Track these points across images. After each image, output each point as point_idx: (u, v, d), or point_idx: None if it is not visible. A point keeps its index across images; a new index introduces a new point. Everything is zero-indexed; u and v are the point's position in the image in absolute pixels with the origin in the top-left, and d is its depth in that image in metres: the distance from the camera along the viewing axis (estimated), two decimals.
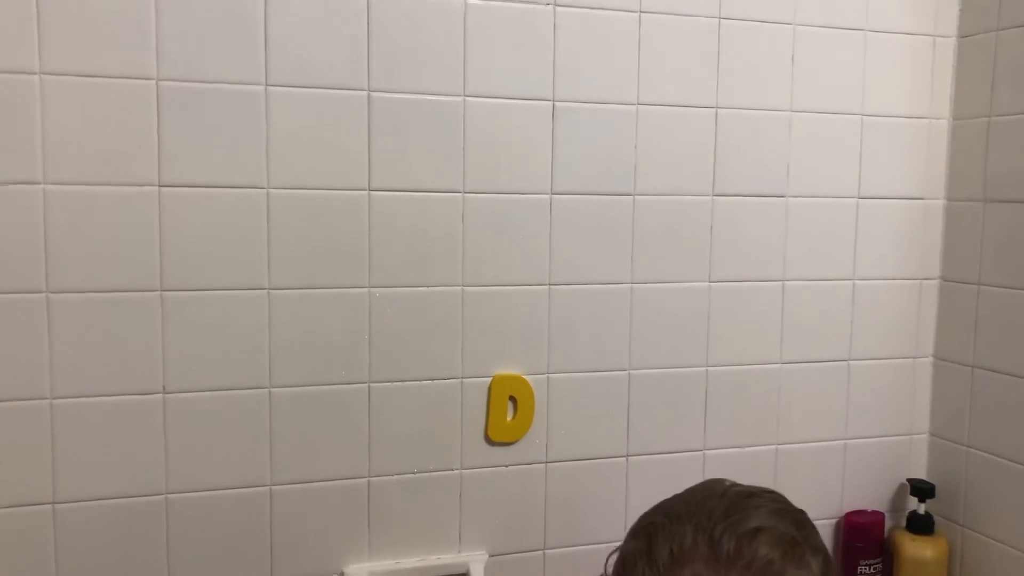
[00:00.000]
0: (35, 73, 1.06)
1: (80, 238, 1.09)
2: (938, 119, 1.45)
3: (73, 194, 1.08)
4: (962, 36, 1.43)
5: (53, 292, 1.09)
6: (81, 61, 1.07)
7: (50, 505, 1.10)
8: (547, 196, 1.26)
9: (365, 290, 1.20)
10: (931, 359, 1.49)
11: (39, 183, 1.07)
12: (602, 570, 0.77)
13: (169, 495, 1.15)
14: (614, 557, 0.76)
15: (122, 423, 1.12)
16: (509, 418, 1.27)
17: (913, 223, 1.45)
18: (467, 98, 1.21)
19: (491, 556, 1.28)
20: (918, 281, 1.47)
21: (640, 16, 1.28)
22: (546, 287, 1.28)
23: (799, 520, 0.74)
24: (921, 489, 1.44)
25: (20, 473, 1.09)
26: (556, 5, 1.24)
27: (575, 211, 1.28)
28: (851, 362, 1.44)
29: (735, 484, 0.77)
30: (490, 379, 1.26)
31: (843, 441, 1.44)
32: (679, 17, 1.29)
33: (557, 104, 1.25)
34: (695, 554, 0.69)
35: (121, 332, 1.11)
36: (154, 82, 1.10)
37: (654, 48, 1.29)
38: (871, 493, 1.47)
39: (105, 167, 1.09)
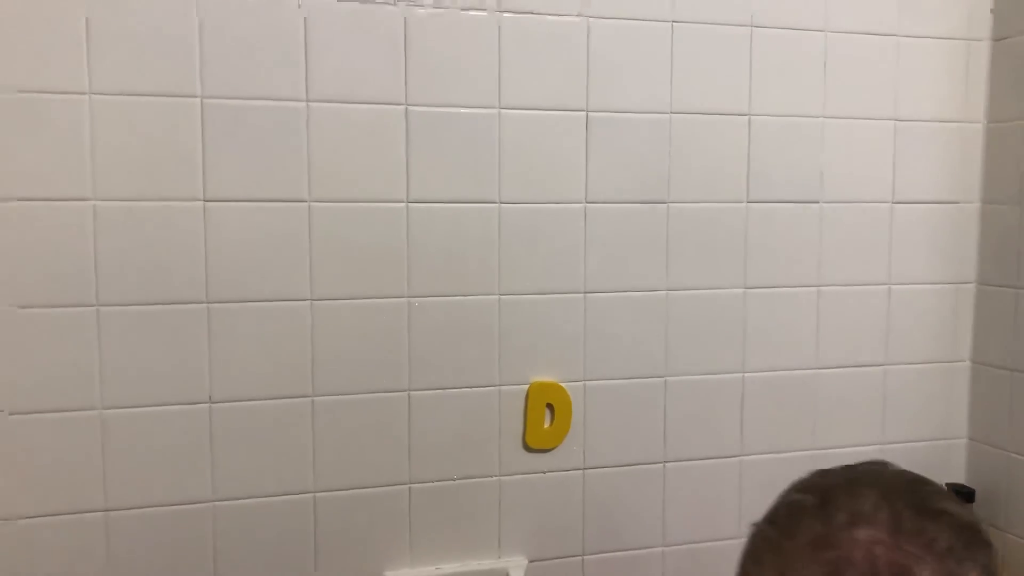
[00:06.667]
0: (85, 93, 1.09)
1: (128, 252, 1.12)
2: (972, 123, 1.44)
3: (121, 210, 1.12)
4: (996, 39, 1.43)
5: (103, 305, 1.12)
6: (128, 81, 1.11)
7: (102, 513, 1.14)
8: (581, 205, 1.28)
9: (404, 300, 1.22)
10: (968, 363, 1.48)
11: (89, 199, 1.10)
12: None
13: (216, 502, 1.17)
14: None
15: (170, 432, 1.15)
16: (546, 425, 1.29)
17: (948, 227, 1.45)
18: (502, 110, 1.23)
19: (530, 561, 1.30)
20: (954, 285, 1.46)
21: (672, 25, 1.29)
22: (581, 295, 1.29)
23: (976, 515, 0.73)
24: (960, 494, 1.43)
25: (73, 481, 1.13)
26: (589, 17, 1.25)
27: (610, 219, 1.29)
28: (887, 367, 1.44)
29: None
30: (527, 386, 1.28)
31: (880, 446, 1.44)
32: (711, 26, 1.31)
33: (591, 114, 1.27)
34: (874, 520, 0.66)
35: (168, 343, 1.14)
36: (199, 99, 1.13)
37: (687, 57, 1.30)
38: None
39: (152, 183, 1.12)
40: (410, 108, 1.20)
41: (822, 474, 0.75)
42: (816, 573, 0.66)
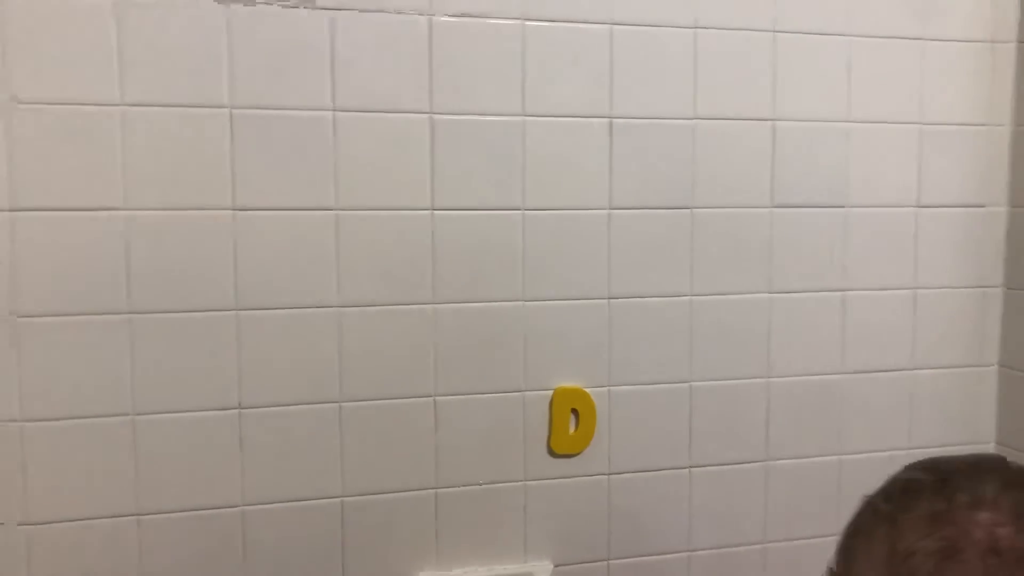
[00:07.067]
0: (117, 105, 1.11)
1: (159, 260, 1.14)
2: (999, 125, 1.43)
3: (152, 219, 1.13)
4: (1021, 41, 1.42)
5: (134, 313, 1.14)
6: (159, 92, 1.13)
7: (134, 517, 1.15)
8: (606, 211, 1.28)
9: (430, 306, 1.23)
10: (996, 367, 1.47)
11: (120, 208, 1.12)
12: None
13: (245, 507, 1.19)
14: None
15: (201, 438, 1.17)
16: (571, 430, 1.29)
17: (975, 230, 1.44)
18: (526, 117, 1.24)
19: (556, 566, 1.30)
20: (981, 289, 1.45)
21: (695, 32, 1.29)
22: (606, 301, 1.29)
23: None
24: None
25: (105, 486, 1.15)
26: (612, 24, 1.26)
27: (634, 225, 1.29)
28: (914, 371, 1.43)
29: None
30: (552, 392, 1.29)
31: (907, 451, 1.43)
32: (734, 32, 1.31)
33: (615, 120, 1.27)
34: (996, 506, 0.64)
35: (199, 350, 1.16)
36: (227, 110, 1.15)
37: (710, 63, 1.30)
38: None
39: (182, 192, 1.14)
40: (435, 116, 1.21)
41: (941, 459, 0.72)
42: (931, 547, 0.63)
